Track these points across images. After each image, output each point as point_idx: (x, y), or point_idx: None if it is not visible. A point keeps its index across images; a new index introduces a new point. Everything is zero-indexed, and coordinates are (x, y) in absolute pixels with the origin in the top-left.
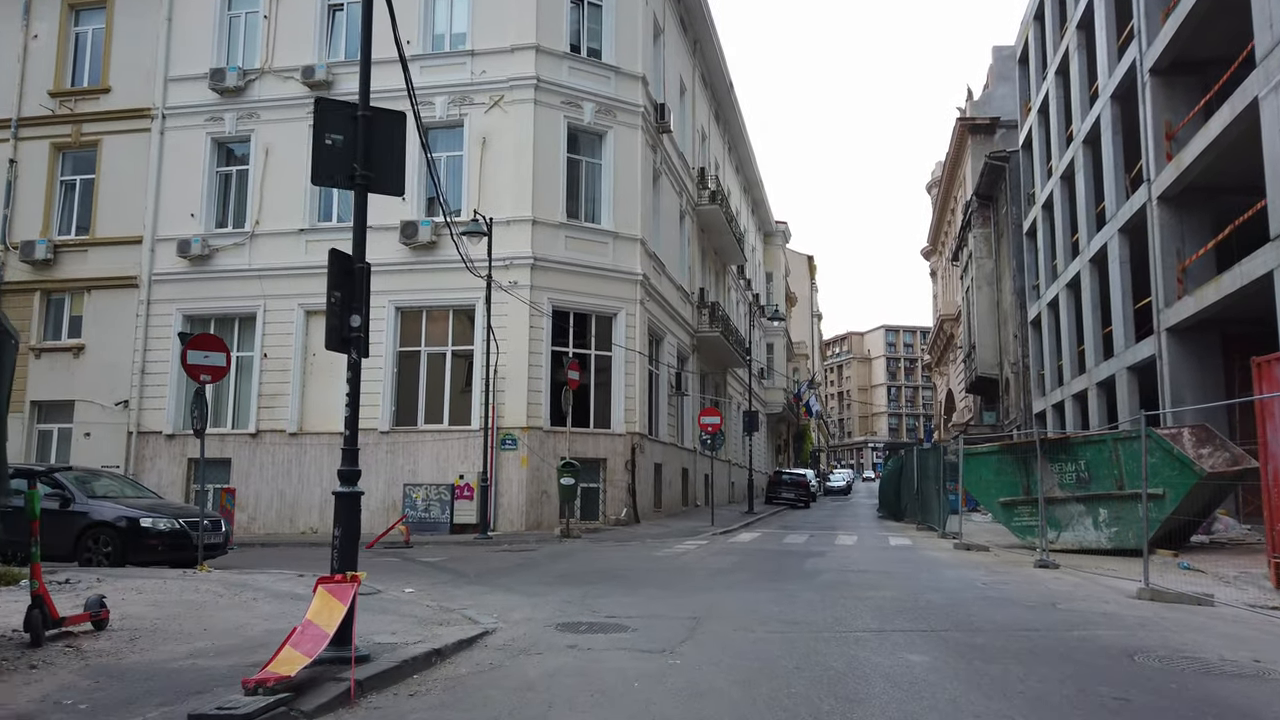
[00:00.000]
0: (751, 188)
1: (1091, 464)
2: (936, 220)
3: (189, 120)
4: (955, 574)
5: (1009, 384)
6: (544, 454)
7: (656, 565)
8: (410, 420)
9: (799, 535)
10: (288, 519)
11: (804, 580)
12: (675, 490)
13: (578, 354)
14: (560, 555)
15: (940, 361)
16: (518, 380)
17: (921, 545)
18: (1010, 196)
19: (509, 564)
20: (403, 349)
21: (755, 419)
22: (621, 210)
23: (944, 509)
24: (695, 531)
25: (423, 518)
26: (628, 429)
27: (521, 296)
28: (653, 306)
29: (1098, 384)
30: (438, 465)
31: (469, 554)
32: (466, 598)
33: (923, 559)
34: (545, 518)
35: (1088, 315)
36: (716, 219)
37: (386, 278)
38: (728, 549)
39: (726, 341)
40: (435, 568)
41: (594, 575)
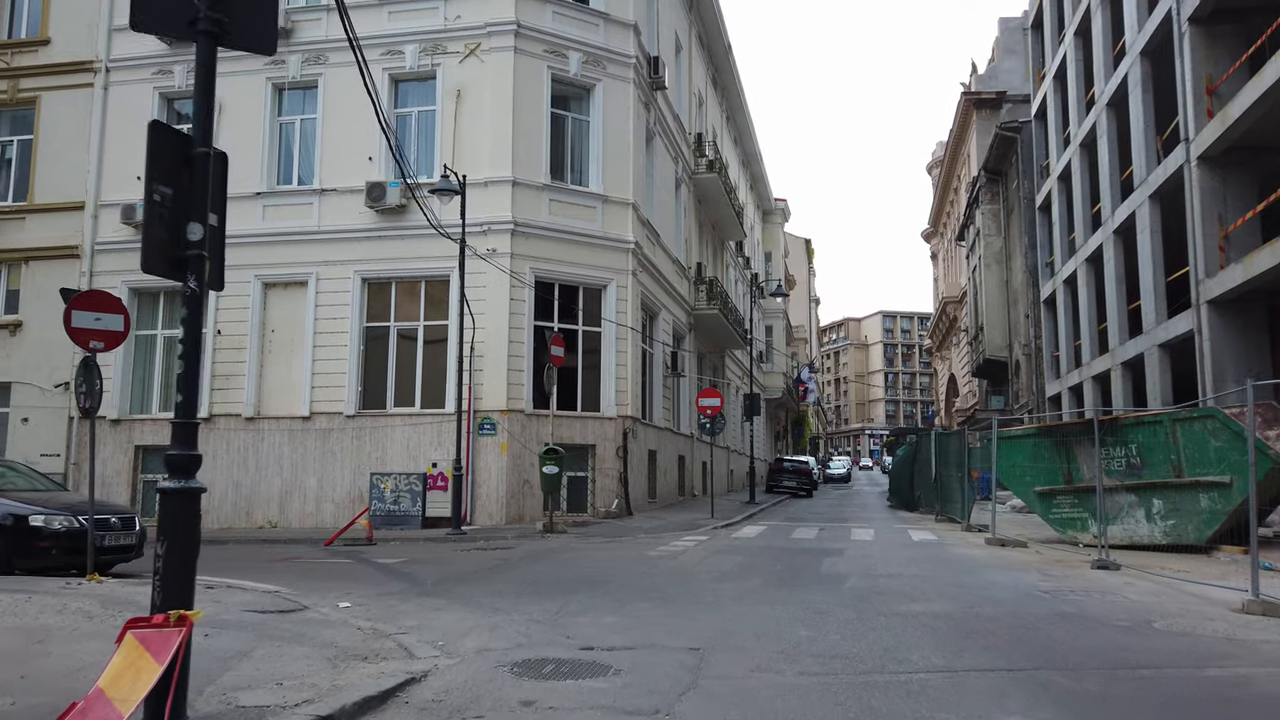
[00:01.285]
0: (750, 162)
1: (1145, 448)
2: (938, 201)
3: (135, 74)
4: (1005, 579)
5: (1019, 366)
6: (526, 439)
7: (650, 568)
8: (378, 403)
9: (808, 528)
10: (244, 512)
11: (828, 588)
12: (671, 479)
13: (563, 329)
14: (539, 555)
15: (942, 346)
16: (497, 359)
17: (948, 540)
18: (1021, 170)
19: (478, 566)
20: (370, 324)
21: (757, 402)
22: (611, 172)
23: (968, 499)
24: (693, 525)
25: (391, 510)
26: (619, 412)
27: (501, 265)
28: (646, 279)
29: (1123, 364)
30: (409, 452)
31: (436, 553)
32: (413, 615)
33: (957, 558)
34: (528, 510)
35: (1111, 290)
36: (714, 189)
37: (351, 245)
38: (731, 546)
39: (726, 320)
40: (390, 572)
41: (574, 582)
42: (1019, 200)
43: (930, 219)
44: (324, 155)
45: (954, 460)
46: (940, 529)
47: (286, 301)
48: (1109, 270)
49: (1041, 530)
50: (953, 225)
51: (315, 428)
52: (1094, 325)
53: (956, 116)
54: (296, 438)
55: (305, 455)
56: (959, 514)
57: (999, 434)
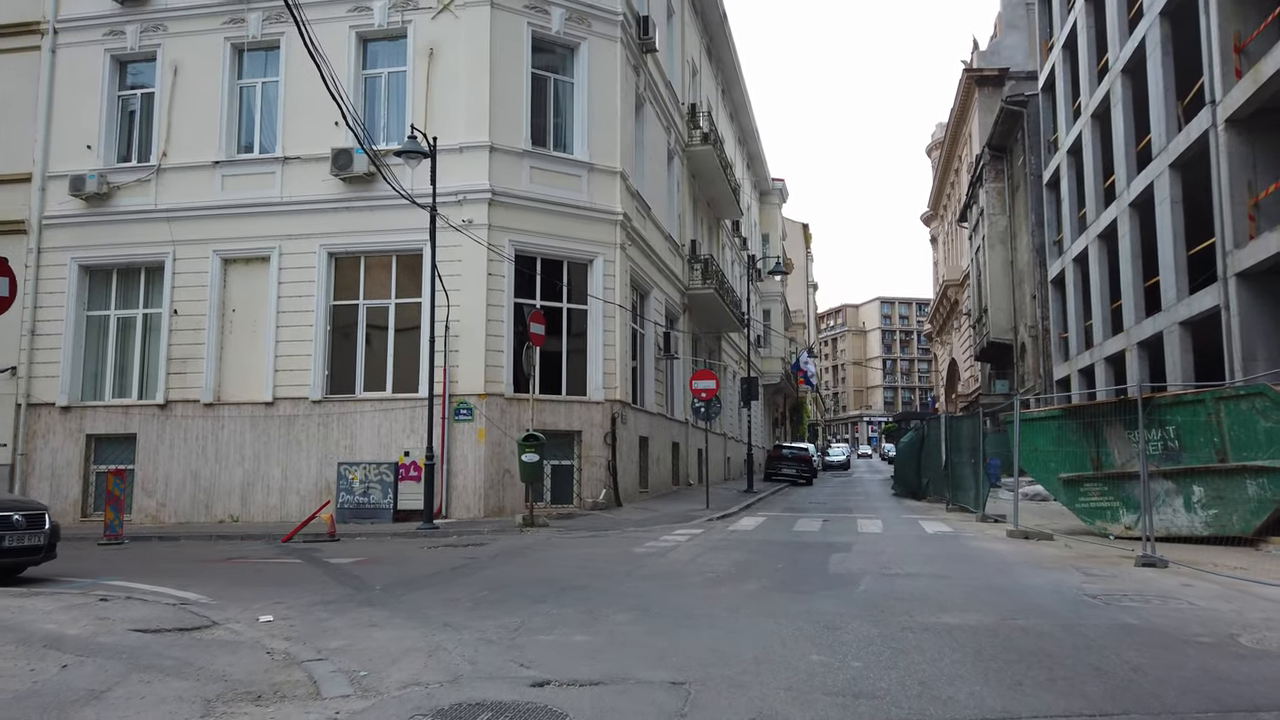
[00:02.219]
0: (747, 139)
1: (1184, 430)
2: (938, 183)
3: (85, 35)
4: (1042, 580)
5: (1025, 349)
6: (506, 426)
7: (635, 567)
8: (347, 387)
9: (811, 519)
10: (203, 505)
11: (839, 592)
12: (664, 467)
13: (546, 307)
14: (513, 553)
15: (943, 330)
16: (474, 339)
17: (965, 532)
18: (1028, 145)
19: (441, 566)
20: (338, 303)
21: (755, 386)
22: (598, 138)
23: (983, 488)
24: (687, 516)
25: (361, 503)
26: (607, 396)
27: (478, 238)
28: (636, 254)
29: (1139, 344)
30: (379, 440)
31: (399, 551)
32: (343, 632)
33: (979, 554)
34: (508, 502)
35: (1126, 267)
36: (709, 163)
37: (316, 218)
38: (728, 540)
39: (722, 301)
40: (339, 574)
41: (545, 587)
42: (1025, 177)
43: (930, 202)
44: (287, 121)
45: (967, 446)
46: (953, 519)
47: (248, 278)
48: (1124, 245)
49: (1062, 519)
50: (953, 207)
51: (279, 414)
52: (1107, 304)
53: (958, 95)
54: (259, 425)
55: (269, 444)
56: (972, 503)
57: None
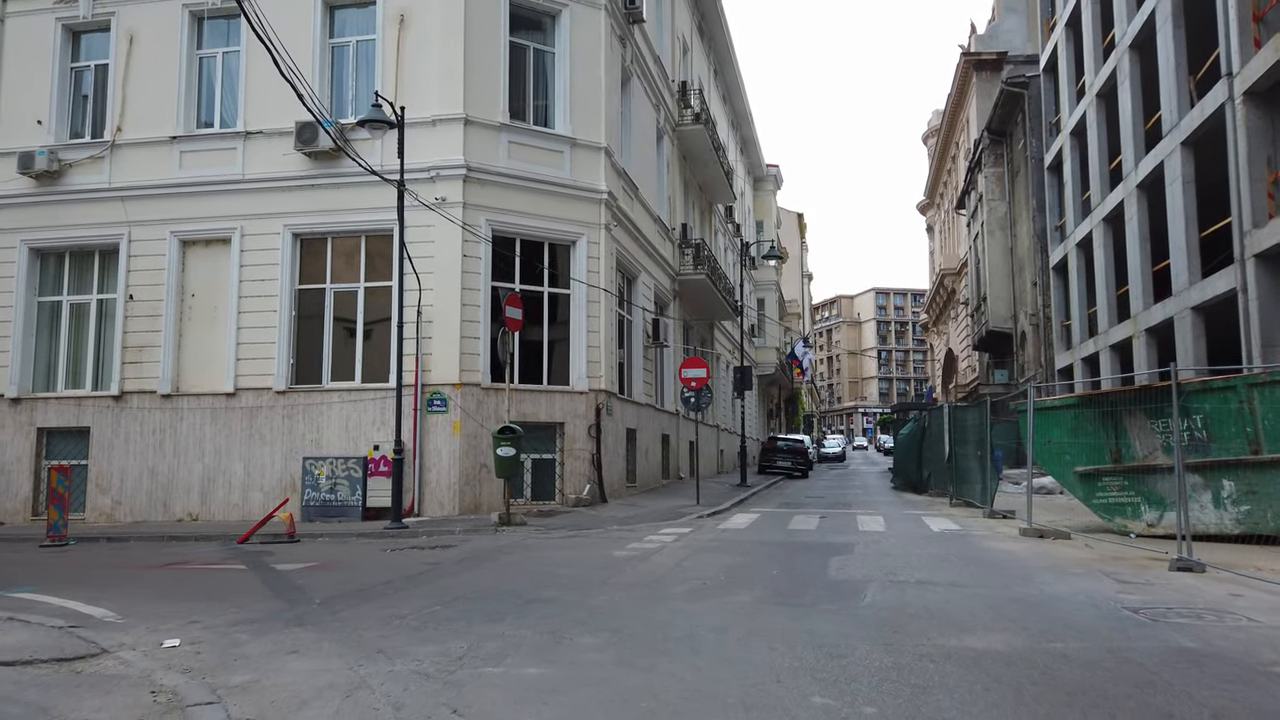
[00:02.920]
0: (740, 123)
1: (1213, 419)
2: (935, 170)
3: (35, 3)
4: (1070, 588)
5: (1025, 338)
6: (483, 417)
7: (612, 574)
8: (313, 377)
9: (808, 516)
10: (160, 502)
11: (842, 606)
12: (653, 460)
13: (525, 291)
14: (481, 556)
15: (939, 320)
16: (448, 325)
17: (974, 530)
18: (1029, 128)
19: (398, 573)
20: (303, 287)
21: (749, 376)
22: (581, 112)
23: (991, 482)
24: (676, 513)
25: (327, 500)
26: (591, 386)
27: (452, 216)
28: (622, 236)
29: (1146, 330)
30: (348, 433)
31: (358, 554)
32: (255, 663)
33: (994, 556)
34: (485, 498)
35: (1133, 251)
36: (700, 144)
37: (280, 196)
38: (718, 541)
39: (714, 287)
40: (280, 584)
41: (508, 600)
42: (1025, 161)
43: (926, 190)
44: (249, 93)
45: (972, 437)
46: (959, 516)
47: (207, 261)
48: (1131, 229)
49: (1075, 515)
50: (950, 195)
51: (241, 406)
52: (1112, 290)
53: (955, 80)
54: (220, 417)
55: (230, 437)
56: (978, 498)
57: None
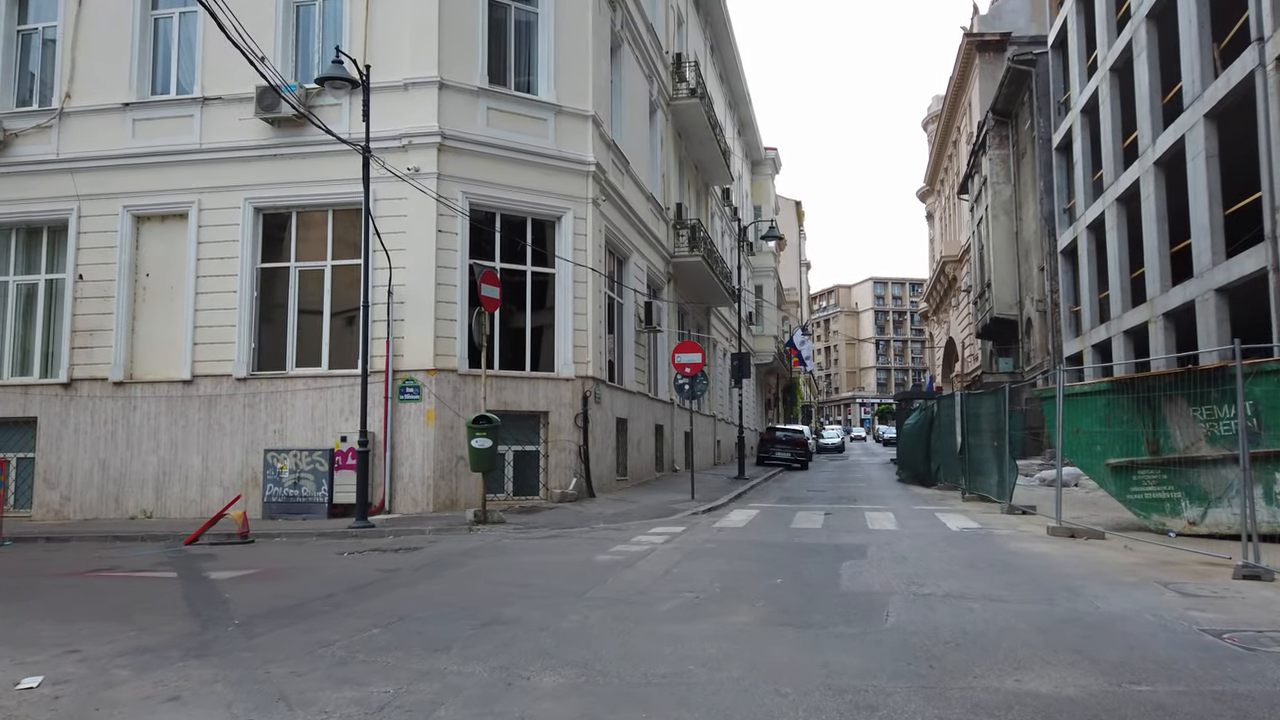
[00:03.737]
0: (738, 103)
1: (1265, 406)
2: (935, 157)
3: None
4: (1128, 604)
5: (1031, 325)
6: (460, 406)
7: (591, 585)
8: (277, 363)
9: (811, 512)
10: (112, 498)
11: (862, 629)
12: (646, 452)
13: (508, 271)
14: (446, 562)
15: (939, 309)
16: (421, 306)
17: (996, 529)
18: (1036, 107)
19: (345, 583)
20: (266, 265)
21: (747, 363)
22: (567, 78)
23: (1009, 475)
24: (668, 510)
25: (291, 496)
26: (578, 372)
27: (426, 188)
28: (612, 213)
29: (1164, 315)
30: (314, 423)
31: (310, 559)
32: (121, 712)
33: (1028, 561)
34: (462, 493)
35: (1150, 232)
36: (696, 119)
37: (240, 167)
38: (713, 542)
39: (710, 270)
40: (203, 598)
41: (462, 621)
42: (1032, 142)
43: (926, 177)
44: (207, 56)
45: (987, 427)
46: (975, 511)
47: (163, 238)
48: (1148, 208)
49: (1100, 510)
50: (952, 181)
51: (199, 394)
52: (1126, 273)
53: (957, 63)
54: (176, 407)
55: (187, 428)
56: (995, 492)
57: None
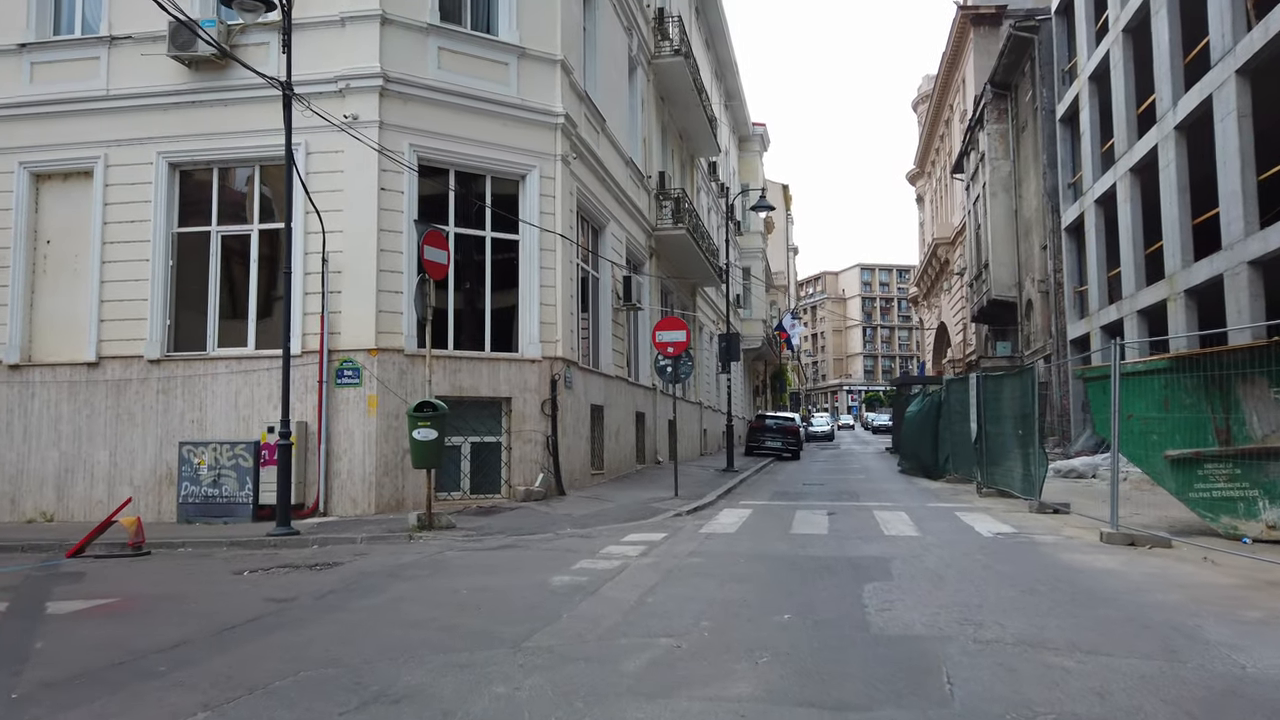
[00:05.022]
0: (725, 73)
1: None
2: (926, 137)
3: None
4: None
5: (1031, 307)
6: (407, 391)
7: (531, 629)
8: (196, 343)
9: (812, 512)
10: (8, 499)
11: (917, 713)
12: (626, 443)
13: (466, 237)
14: (356, 589)
15: (930, 293)
16: (362, 276)
17: (1034, 532)
18: (1038, 77)
19: (206, 626)
20: (184, 230)
21: (736, 344)
22: (531, 17)
23: (1039, 467)
24: (648, 510)
25: (209, 496)
26: (546, 353)
27: (366, 138)
28: (585, 173)
29: (1185, 291)
30: (238, 412)
31: (193, 582)
32: None
33: (1099, 583)
34: (410, 492)
35: (1169, 202)
36: (680, 81)
37: (153, 116)
38: (699, 556)
39: (696, 245)
40: (15, 644)
41: (328, 696)
42: (1034, 114)
43: (916, 159)
44: None
45: (1011, 412)
46: (1000, 510)
47: (65, 199)
48: (1166, 177)
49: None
50: (943, 161)
51: (106, 379)
52: (1140, 249)
53: (950, 38)
54: (80, 393)
55: (93, 418)
56: (1019, 487)
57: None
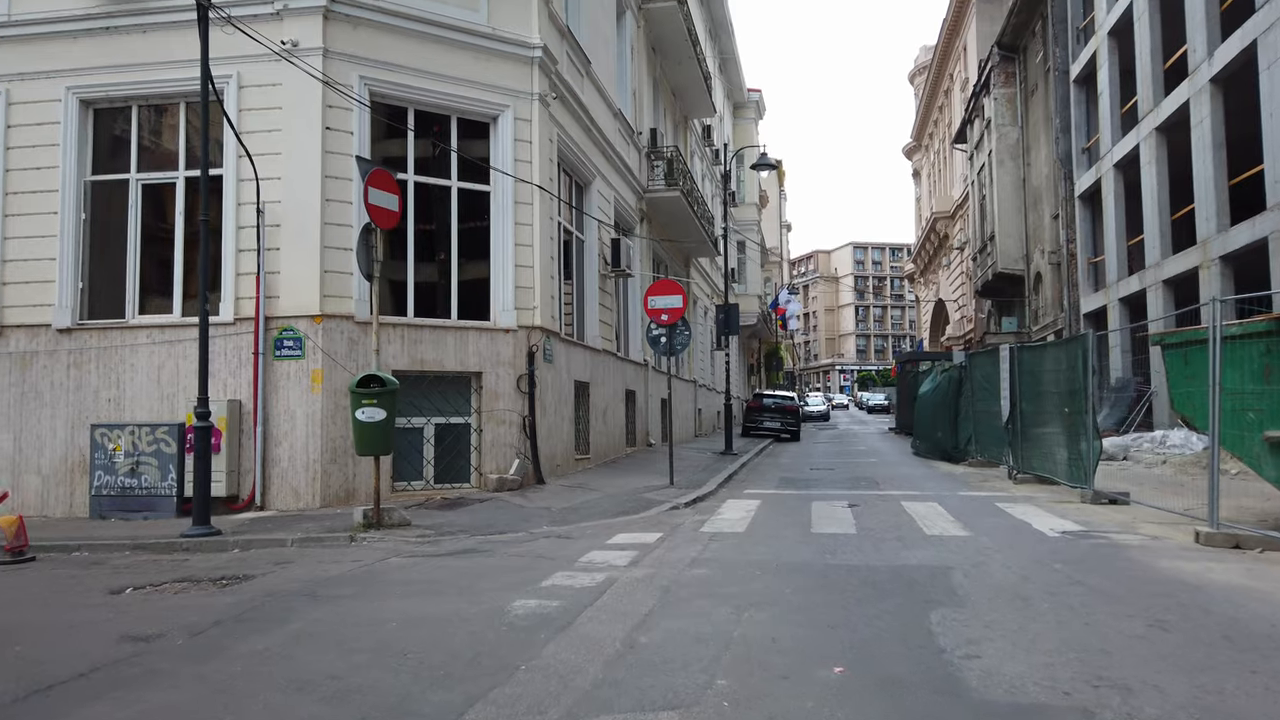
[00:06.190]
0: (719, 33)
1: None
2: (924, 109)
3: None
4: None
5: (1040, 279)
6: (358, 364)
7: (474, 694)
8: (113, 309)
9: (831, 504)
10: None
11: None
12: (614, 424)
13: (429, 187)
14: (252, 621)
15: (928, 269)
16: (305, 230)
17: (1108, 530)
18: (1052, 35)
19: (23, 683)
20: (99, 178)
21: (735, 316)
22: None
23: (1092, 452)
24: (640, 501)
25: (127, 486)
26: (521, 322)
27: (309, 68)
28: (567, 119)
29: (1221, 258)
30: (161, 389)
31: (50, 604)
32: None
33: (1234, 605)
34: (362, 482)
35: (1203, 162)
36: (674, 30)
37: (61, 46)
38: (704, 566)
39: (690, 209)
40: None
41: None
42: (1045, 76)
43: (914, 132)
44: None
45: (1056, 387)
46: (1043, 499)
47: None
48: (1200, 134)
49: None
50: (942, 134)
51: (8, 351)
52: (1166, 214)
53: (952, 2)
54: None
55: None
56: (1064, 473)
57: (1188, 335)
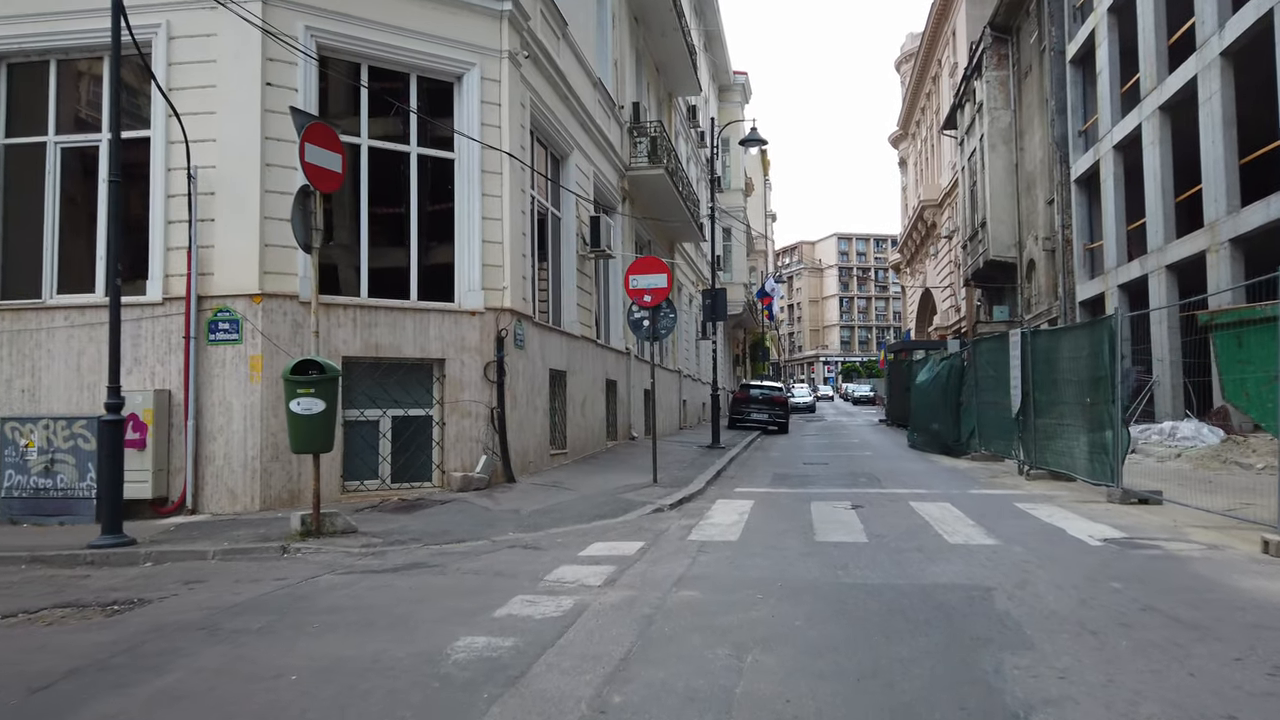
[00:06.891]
0: (704, 9)
1: None
2: (910, 96)
3: None
4: None
5: (1034, 267)
6: (303, 350)
7: None
8: (28, 288)
9: (832, 503)
10: None
11: None
12: (594, 417)
13: (385, 153)
14: (120, 665)
15: (915, 258)
16: (243, 199)
17: (1157, 538)
18: (1047, 14)
19: None
20: (12, 141)
21: (722, 301)
22: None
23: (1121, 444)
24: (620, 502)
25: (40, 488)
26: (490, 303)
27: (248, 14)
28: (540, 83)
29: (1230, 240)
30: (81, 378)
31: None
32: None
33: None
34: (308, 482)
35: (1212, 141)
36: (658, 1)
37: None
38: (693, 587)
39: (675, 190)
40: None
41: None
42: (1039, 57)
43: (900, 120)
44: None
45: (1074, 377)
46: (1065, 498)
47: None
48: (1209, 111)
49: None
50: (930, 120)
51: None
52: (1169, 197)
53: None
54: None
55: None
56: (1084, 469)
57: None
